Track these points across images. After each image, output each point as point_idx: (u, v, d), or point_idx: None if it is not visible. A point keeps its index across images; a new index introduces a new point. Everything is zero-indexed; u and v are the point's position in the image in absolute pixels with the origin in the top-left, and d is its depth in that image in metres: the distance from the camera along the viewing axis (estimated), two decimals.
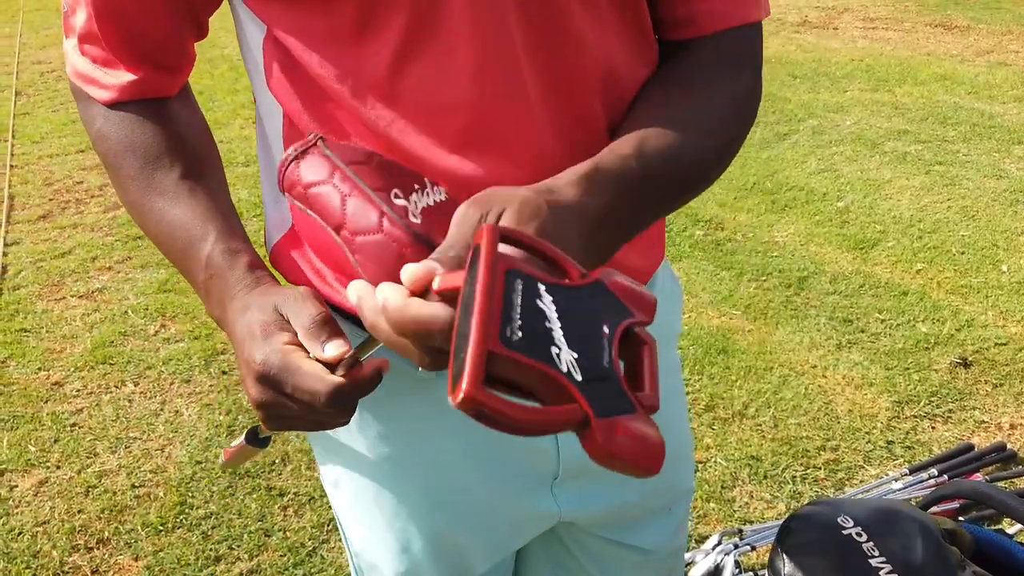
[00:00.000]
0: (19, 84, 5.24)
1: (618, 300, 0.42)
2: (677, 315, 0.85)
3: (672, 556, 0.90)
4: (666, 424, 0.83)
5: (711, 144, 0.59)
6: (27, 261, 2.99)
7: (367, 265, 0.48)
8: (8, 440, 2.06)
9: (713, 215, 3.22)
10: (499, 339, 0.36)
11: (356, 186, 0.48)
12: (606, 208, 0.49)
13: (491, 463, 0.73)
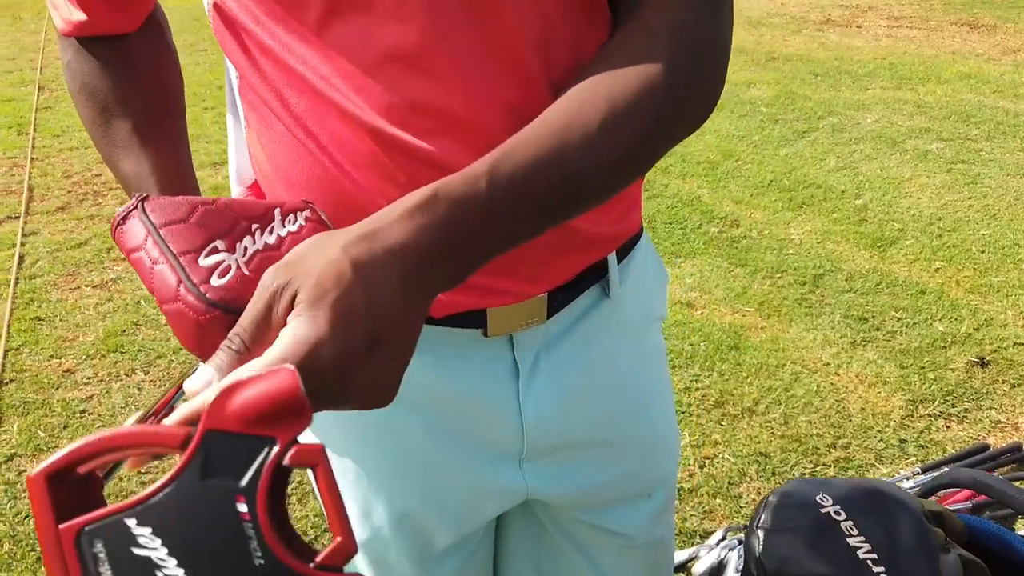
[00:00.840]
0: (42, 79, 5.31)
1: (245, 438, 0.34)
2: (660, 297, 0.82)
3: (655, 545, 0.87)
4: (645, 410, 0.81)
5: (609, 145, 0.49)
6: (44, 251, 3.02)
7: (176, 332, 0.47)
8: (19, 426, 2.07)
9: (728, 212, 3.19)
10: None
11: (162, 251, 0.47)
12: (441, 241, 0.44)
13: (453, 436, 0.72)
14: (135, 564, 0.31)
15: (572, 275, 0.69)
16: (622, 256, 0.74)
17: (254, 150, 0.67)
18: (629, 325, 0.77)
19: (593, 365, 0.74)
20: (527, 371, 0.71)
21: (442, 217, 0.44)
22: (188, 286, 0.46)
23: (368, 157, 0.58)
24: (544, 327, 0.71)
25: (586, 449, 0.78)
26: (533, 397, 0.72)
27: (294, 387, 0.34)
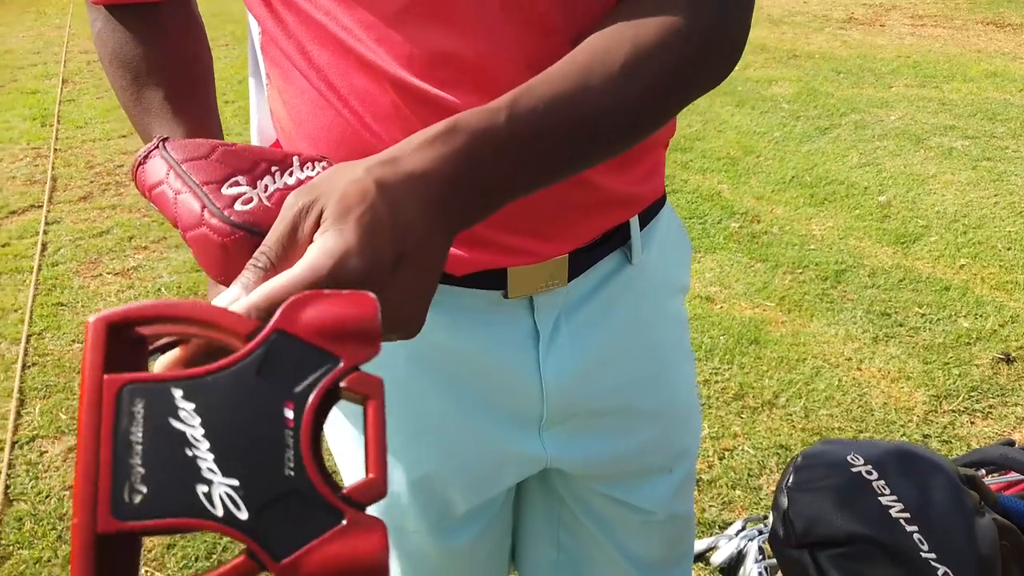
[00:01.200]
0: (66, 72, 5.37)
1: (311, 348, 0.33)
2: (683, 267, 0.82)
3: (676, 521, 0.86)
4: (666, 379, 0.80)
5: (630, 89, 0.48)
6: (67, 239, 3.05)
7: (200, 259, 0.48)
8: (40, 408, 2.09)
9: (749, 207, 3.16)
10: (110, 512, 0.29)
11: (186, 182, 0.48)
12: (462, 170, 0.43)
13: (473, 401, 0.71)
14: (167, 435, 0.30)
15: (594, 236, 0.69)
16: (645, 222, 0.73)
17: (275, 107, 0.67)
18: (651, 292, 0.76)
19: (614, 330, 0.73)
20: (547, 335, 0.70)
21: (462, 147, 0.43)
22: (212, 209, 0.46)
23: (389, 109, 0.58)
24: (565, 291, 0.70)
25: (606, 417, 0.77)
26: (553, 362, 0.71)
27: (373, 313, 0.33)
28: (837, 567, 0.61)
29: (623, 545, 0.86)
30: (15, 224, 3.19)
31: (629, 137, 0.50)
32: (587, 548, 0.89)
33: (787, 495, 0.66)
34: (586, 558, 0.90)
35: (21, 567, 1.62)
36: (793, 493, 0.66)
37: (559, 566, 0.91)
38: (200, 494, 0.30)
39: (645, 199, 0.71)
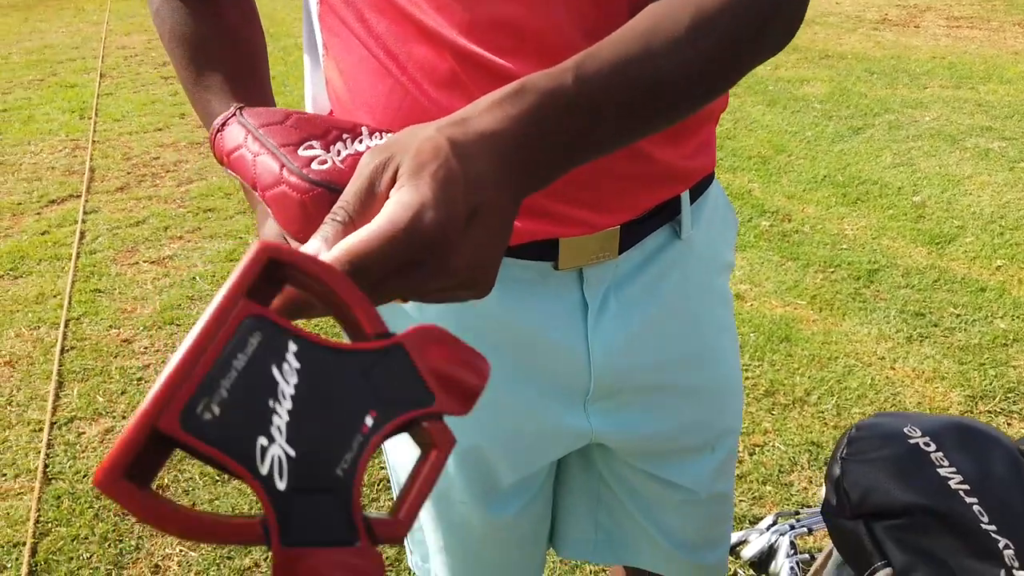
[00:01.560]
0: (104, 67, 5.46)
1: (418, 378, 0.33)
2: (729, 245, 0.82)
3: (716, 501, 0.86)
4: (712, 357, 0.80)
5: (695, 52, 0.49)
6: (104, 228, 3.11)
7: (279, 217, 0.49)
8: (79, 390, 2.14)
9: (780, 206, 3.14)
10: (178, 416, 0.29)
11: (264, 145, 0.50)
12: (531, 130, 0.43)
13: (521, 373, 0.72)
14: (262, 378, 0.31)
15: (646, 209, 0.69)
16: (694, 197, 0.73)
17: (331, 77, 0.68)
18: (699, 268, 0.76)
19: (661, 305, 0.74)
20: (596, 309, 0.71)
21: (529, 107, 0.44)
22: (291, 168, 0.48)
23: (447, 76, 0.59)
24: (614, 264, 0.70)
25: (652, 393, 0.77)
26: (601, 335, 0.71)
27: (484, 380, 0.35)
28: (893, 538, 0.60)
29: (662, 524, 0.87)
30: (55, 213, 3.26)
31: (691, 101, 0.51)
32: (625, 527, 0.89)
33: (841, 465, 0.66)
34: (624, 538, 0.90)
35: (59, 543, 1.65)
36: (847, 463, 0.65)
37: (597, 545, 0.91)
38: (258, 445, 0.30)
39: (696, 173, 0.72)
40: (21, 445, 1.94)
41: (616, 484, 0.85)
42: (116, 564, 1.61)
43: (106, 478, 0.28)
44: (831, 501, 0.66)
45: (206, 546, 1.64)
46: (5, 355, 2.31)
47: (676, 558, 0.89)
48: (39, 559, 1.62)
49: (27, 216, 3.23)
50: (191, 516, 0.29)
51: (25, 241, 2.99)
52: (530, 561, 0.91)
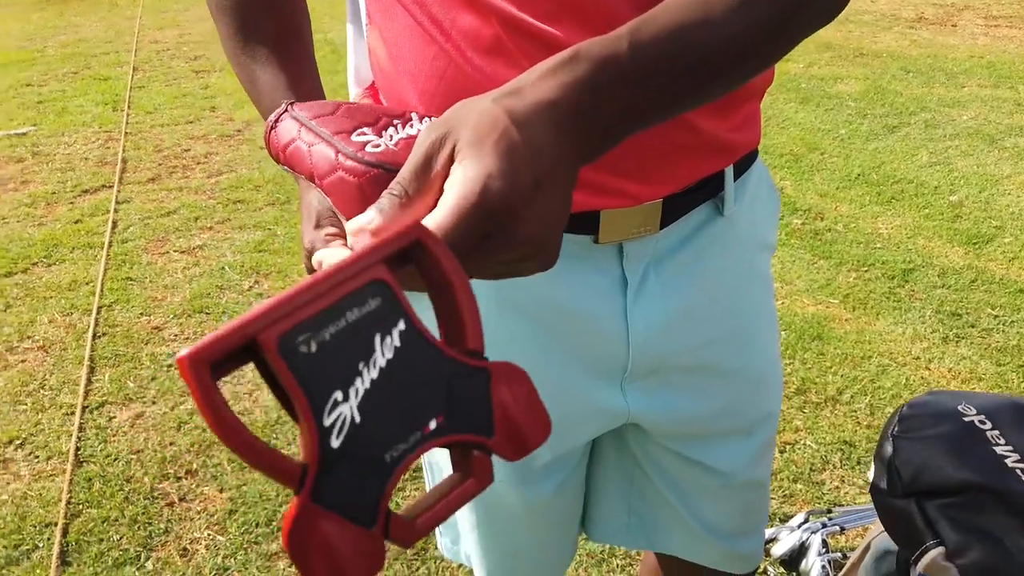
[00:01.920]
0: (137, 61, 5.53)
1: (487, 409, 0.34)
2: (772, 225, 0.80)
3: (751, 488, 0.85)
4: (751, 339, 0.79)
5: (750, 18, 0.47)
6: (136, 218, 3.14)
7: (338, 204, 0.49)
8: (110, 376, 2.16)
9: (812, 204, 3.09)
10: (278, 336, 0.29)
11: (318, 135, 0.50)
12: (586, 97, 0.43)
13: (559, 349, 0.71)
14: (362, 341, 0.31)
15: (689, 182, 0.68)
16: (738, 173, 0.72)
17: (375, 46, 0.68)
18: (741, 247, 0.75)
19: (703, 283, 0.72)
20: (636, 285, 0.70)
21: (584, 74, 0.43)
22: (346, 153, 0.48)
23: (492, 42, 0.58)
24: (655, 240, 0.69)
25: (689, 374, 0.76)
26: (640, 312, 0.70)
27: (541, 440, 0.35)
28: (947, 517, 0.59)
29: (696, 509, 0.85)
30: (87, 202, 3.30)
31: (746, 70, 0.49)
32: (659, 512, 0.87)
33: (893, 443, 0.64)
34: (658, 522, 0.88)
35: (90, 525, 1.67)
36: (899, 441, 0.63)
37: (630, 529, 0.90)
38: (333, 398, 0.30)
39: (741, 147, 0.70)
40: (53, 428, 1.96)
41: (650, 466, 0.84)
42: (145, 546, 1.62)
43: (192, 361, 0.28)
44: (880, 481, 0.64)
45: (234, 530, 1.65)
46: (39, 340, 2.34)
47: (709, 545, 0.87)
48: (70, 539, 1.63)
49: (61, 205, 3.27)
50: (243, 429, 0.29)
51: (59, 229, 3.04)
52: (562, 543, 0.90)
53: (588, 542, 1.61)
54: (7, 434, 1.94)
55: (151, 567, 1.57)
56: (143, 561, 1.58)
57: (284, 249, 2.85)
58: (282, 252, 2.83)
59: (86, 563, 1.57)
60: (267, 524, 1.66)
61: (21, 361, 2.24)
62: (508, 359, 0.73)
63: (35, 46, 6.05)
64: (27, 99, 4.66)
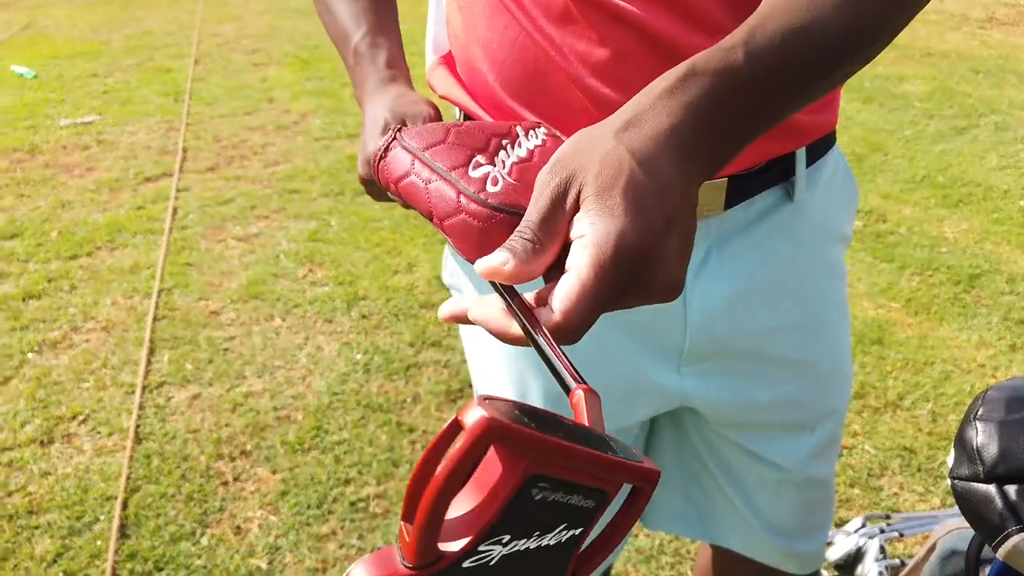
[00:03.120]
0: (198, 53, 5.66)
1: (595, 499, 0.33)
2: (847, 217, 0.77)
3: (812, 486, 0.82)
4: (819, 331, 0.76)
5: (857, 16, 0.47)
6: (195, 205, 3.21)
7: (459, 246, 0.47)
8: (169, 357, 2.21)
9: (875, 206, 3.01)
10: (531, 470, 0.29)
11: (434, 171, 0.48)
12: (706, 117, 0.42)
13: (615, 325, 0.70)
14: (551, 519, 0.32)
15: (757, 162, 0.66)
16: (812, 159, 0.70)
17: (451, 15, 0.68)
18: (811, 236, 0.72)
19: (767, 268, 0.70)
20: (696, 265, 0.68)
21: (703, 91, 0.42)
22: (469, 195, 0.46)
23: (562, 12, 0.58)
24: (719, 220, 0.67)
25: (751, 362, 0.74)
26: (700, 292, 0.69)
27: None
28: None
29: (754, 503, 0.83)
30: (149, 190, 3.38)
31: (853, 66, 0.48)
32: (715, 502, 0.86)
33: (975, 426, 0.61)
34: (713, 513, 0.87)
35: (148, 500, 1.71)
36: (982, 424, 0.61)
37: (685, 518, 0.89)
38: (498, 536, 0.31)
39: (815, 129, 0.68)
40: (115, 406, 2.02)
41: (708, 456, 0.82)
42: (200, 522, 1.65)
43: (486, 430, 0.28)
44: (960, 466, 0.62)
45: (286, 510, 1.67)
46: (102, 321, 2.41)
47: (767, 542, 0.85)
48: (129, 513, 1.67)
49: (124, 192, 3.36)
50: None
51: (122, 215, 3.12)
52: None
53: (636, 539, 1.60)
54: (71, 410, 2.00)
55: (206, 543, 1.60)
56: (198, 537, 1.62)
57: (338, 239, 2.88)
58: (336, 242, 2.86)
59: (144, 536, 1.61)
60: (318, 506, 1.68)
61: (85, 341, 2.31)
62: None
63: (101, 38, 6.23)
64: (93, 89, 4.80)
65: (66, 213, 3.14)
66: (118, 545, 1.59)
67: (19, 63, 5.31)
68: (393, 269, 2.66)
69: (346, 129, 4.04)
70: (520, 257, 0.39)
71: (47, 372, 2.15)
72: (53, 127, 4.12)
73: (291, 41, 5.99)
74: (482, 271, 0.40)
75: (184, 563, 1.56)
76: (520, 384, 0.75)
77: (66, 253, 2.82)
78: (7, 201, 3.25)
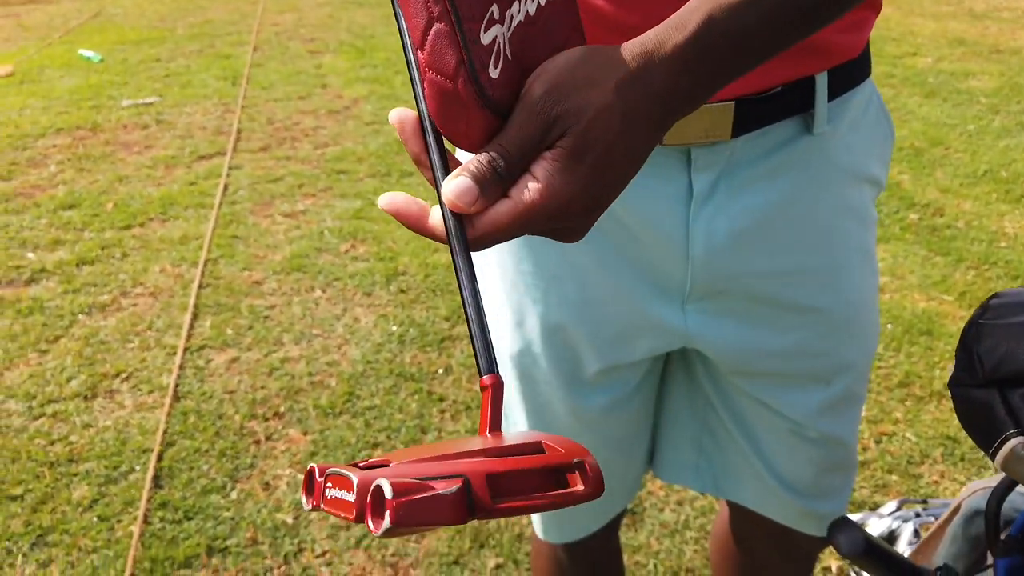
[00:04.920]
0: (257, 41, 5.78)
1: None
2: (876, 157, 0.72)
3: (828, 444, 0.78)
4: (836, 280, 0.71)
5: None
6: (245, 183, 3.28)
7: (431, 103, 0.43)
8: (211, 323, 2.26)
9: (932, 200, 2.91)
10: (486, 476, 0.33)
11: (447, 8, 0.41)
12: (711, 80, 0.43)
13: (616, 256, 0.68)
14: None
15: (768, 85, 0.61)
16: (836, 91, 0.65)
17: None
18: (831, 173, 0.68)
19: (778, 205, 0.66)
20: (702, 196, 0.65)
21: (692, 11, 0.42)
22: (470, 72, 0.41)
23: None
24: (728, 151, 0.64)
25: (759, 304, 0.70)
26: (703, 225, 0.66)
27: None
28: None
29: (768, 458, 0.80)
30: (203, 167, 3.47)
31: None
32: (729, 456, 0.83)
33: (976, 329, 0.57)
34: (727, 467, 0.84)
35: (182, 454, 1.75)
36: (984, 327, 0.57)
37: (699, 472, 0.86)
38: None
39: (839, 52, 0.63)
40: (157, 366, 2.07)
41: (721, 405, 0.80)
42: (231, 477, 1.68)
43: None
44: (961, 370, 0.58)
45: None
46: (150, 287, 2.47)
47: (783, 500, 0.82)
48: (164, 465, 1.71)
49: (179, 168, 3.45)
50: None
51: (176, 190, 3.20)
52: (619, 474, 0.86)
53: (662, 513, 1.57)
54: (115, 368, 2.06)
55: (235, 496, 1.63)
56: (228, 491, 1.65)
57: (381, 217, 2.91)
58: (379, 220, 2.89)
59: (176, 488, 1.65)
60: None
61: (133, 305, 2.38)
62: (560, 261, 0.71)
63: (166, 26, 6.42)
64: (155, 73, 4.95)
65: (123, 187, 3.24)
66: (151, 494, 1.63)
67: (87, 48, 5.51)
68: (433, 247, 2.67)
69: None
70: (488, 195, 0.40)
71: (95, 332, 2.22)
72: (115, 107, 4.25)
73: (348, 31, 6.08)
74: (449, 202, 0.39)
75: (213, 514, 1.59)
76: (518, 312, 0.73)
77: (120, 223, 2.91)
78: (68, 175, 3.36)
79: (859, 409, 0.82)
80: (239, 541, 1.53)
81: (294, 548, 1.52)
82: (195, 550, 1.50)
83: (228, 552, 1.50)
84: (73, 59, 5.27)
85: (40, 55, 5.40)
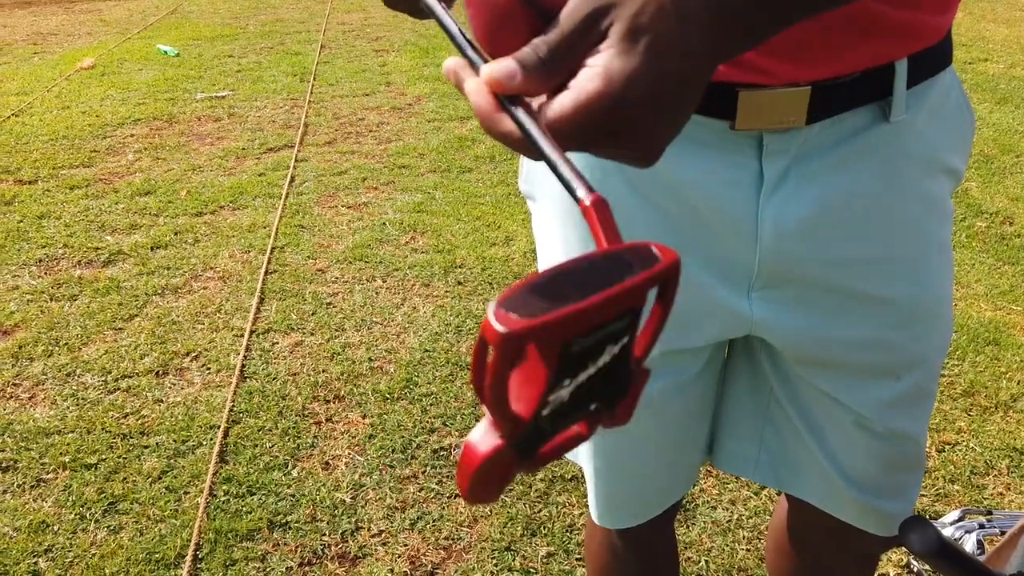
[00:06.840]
0: (325, 39, 5.92)
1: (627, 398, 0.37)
2: (955, 148, 0.70)
3: (895, 441, 0.76)
4: (910, 271, 0.70)
5: None
6: (311, 175, 3.37)
7: (476, 19, 0.42)
8: (276, 307, 2.33)
9: (1001, 208, 2.83)
10: (567, 339, 0.31)
11: None
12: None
13: (682, 238, 0.67)
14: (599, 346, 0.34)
15: (846, 70, 0.60)
16: (917, 78, 0.64)
17: None
18: (907, 162, 0.66)
19: (851, 193, 0.65)
20: (773, 182, 0.64)
21: None
22: None
23: None
24: (801, 135, 0.63)
25: (827, 293, 0.69)
26: (773, 210, 0.65)
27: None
28: None
29: (832, 453, 0.79)
30: (271, 158, 3.58)
31: None
32: (791, 449, 0.82)
33: None
34: (789, 460, 0.83)
35: (247, 431, 1.82)
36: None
37: (759, 465, 0.85)
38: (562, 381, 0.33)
39: (923, 34, 0.62)
40: (225, 347, 2.15)
41: (785, 396, 0.78)
42: (292, 456, 1.74)
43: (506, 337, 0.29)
44: None
45: (372, 452, 1.74)
46: (219, 271, 2.57)
47: (844, 495, 0.80)
48: (229, 441, 1.78)
49: (249, 159, 3.56)
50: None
51: (245, 180, 3.31)
52: (677, 462, 0.86)
53: (715, 511, 1.57)
54: (186, 347, 2.15)
55: (296, 474, 1.69)
56: (289, 469, 1.71)
57: (440, 211, 2.96)
58: (438, 214, 2.94)
59: (240, 464, 1.72)
60: (402, 451, 1.74)
61: (203, 288, 2.47)
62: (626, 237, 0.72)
63: (239, 24, 6.62)
64: (228, 68, 5.11)
65: (195, 176, 3.36)
66: (216, 468, 1.70)
67: (164, 43, 5.71)
68: (491, 241, 2.71)
69: (457, 112, 4.13)
70: (529, 72, 0.38)
71: (167, 313, 2.32)
72: (190, 100, 4.41)
73: (412, 31, 6.17)
74: (487, 80, 0.39)
75: (274, 490, 1.65)
76: None
77: (192, 210, 3.02)
78: (144, 163, 3.51)
79: (929, 406, 0.80)
80: (299, 517, 1.58)
81: (351, 527, 1.56)
82: (257, 524, 1.56)
83: (288, 527, 1.56)
84: (151, 53, 5.47)
85: (120, 49, 5.62)
